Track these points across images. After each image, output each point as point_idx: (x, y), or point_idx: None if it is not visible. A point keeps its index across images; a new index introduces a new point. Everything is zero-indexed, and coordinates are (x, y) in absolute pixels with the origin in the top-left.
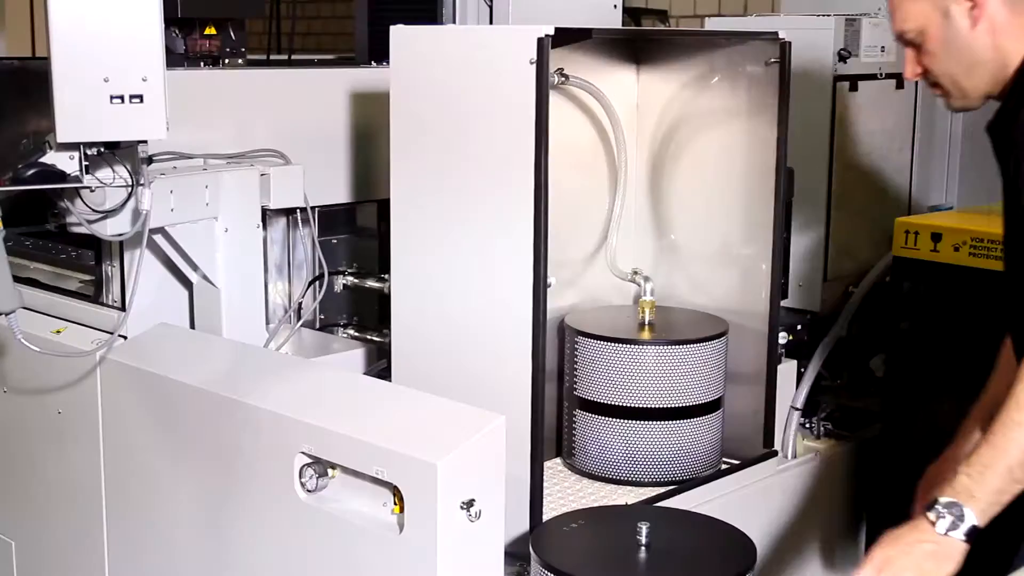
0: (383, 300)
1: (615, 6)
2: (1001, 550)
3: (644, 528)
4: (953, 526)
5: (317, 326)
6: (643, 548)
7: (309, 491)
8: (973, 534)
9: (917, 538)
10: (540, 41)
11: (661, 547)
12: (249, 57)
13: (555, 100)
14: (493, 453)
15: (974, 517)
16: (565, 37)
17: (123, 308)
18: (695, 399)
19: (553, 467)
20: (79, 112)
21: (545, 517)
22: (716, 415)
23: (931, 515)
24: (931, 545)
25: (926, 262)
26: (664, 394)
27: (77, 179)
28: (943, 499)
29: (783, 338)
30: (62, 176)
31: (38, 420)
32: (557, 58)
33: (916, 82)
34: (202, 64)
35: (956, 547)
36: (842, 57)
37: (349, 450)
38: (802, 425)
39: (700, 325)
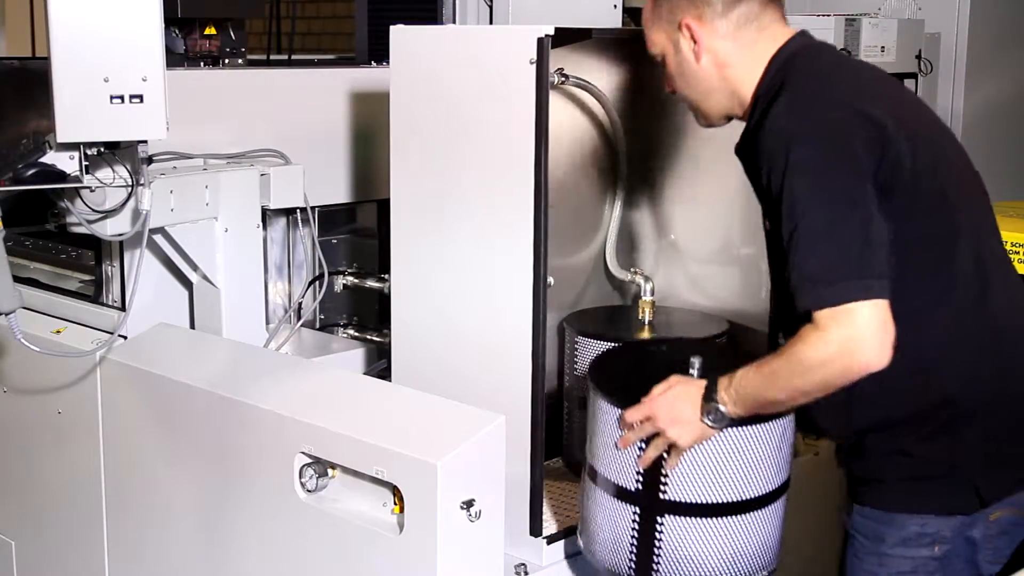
0: (383, 300)
1: (615, 6)
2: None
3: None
4: (713, 422)
5: (317, 326)
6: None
7: (309, 491)
8: (722, 425)
9: (693, 411)
10: (540, 41)
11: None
12: (249, 57)
13: (555, 100)
14: (493, 453)
15: (728, 419)
16: (565, 37)
17: (123, 308)
18: None
19: (553, 467)
20: (79, 112)
21: (545, 518)
22: None
23: (707, 407)
24: (697, 423)
25: None
26: None
27: (77, 179)
28: (721, 407)
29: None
30: (62, 176)
31: (38, 420)
32: (557, 58)
33: (916, 82)
34: (202, 64)
35: (708, 431)
36: None
37: (349, 450)
38: None
39: (700, 325)
